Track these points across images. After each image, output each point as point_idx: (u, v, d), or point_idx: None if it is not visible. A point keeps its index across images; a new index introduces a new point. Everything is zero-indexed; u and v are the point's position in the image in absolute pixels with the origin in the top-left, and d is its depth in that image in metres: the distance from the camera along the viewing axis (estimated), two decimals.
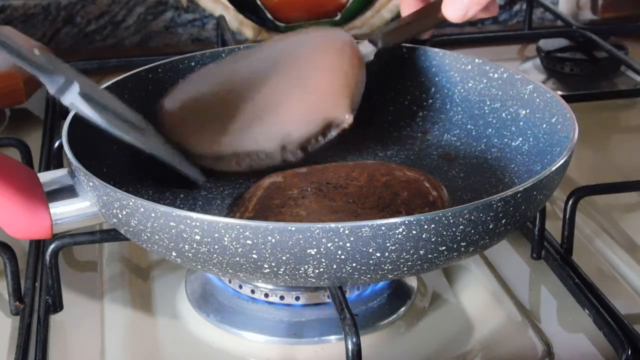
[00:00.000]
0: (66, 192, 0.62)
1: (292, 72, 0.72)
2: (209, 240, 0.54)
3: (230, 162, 0.69)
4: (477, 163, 0.74)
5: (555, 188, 0.62)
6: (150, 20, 1.16)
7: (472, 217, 0.55)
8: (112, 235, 0.67)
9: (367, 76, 0.80)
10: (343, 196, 0.65)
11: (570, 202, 0.70)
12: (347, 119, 0.69)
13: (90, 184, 0.59)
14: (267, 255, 0.54)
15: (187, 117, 0.71)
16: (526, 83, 0.73)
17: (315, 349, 0.62)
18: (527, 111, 0.72)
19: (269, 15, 1.10)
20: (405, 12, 0.78)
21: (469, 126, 0.77)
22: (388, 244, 0.53)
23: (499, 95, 0.75)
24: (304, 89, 0.70)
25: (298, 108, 0.69)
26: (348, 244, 0.53)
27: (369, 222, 0.53)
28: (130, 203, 0.56)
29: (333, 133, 0.70)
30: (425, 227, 0.53)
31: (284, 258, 0.54)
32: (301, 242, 0.53)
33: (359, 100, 0.71)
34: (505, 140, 0.74)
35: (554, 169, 0.59)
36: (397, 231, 0.53)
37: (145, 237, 0.57)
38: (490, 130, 0.75)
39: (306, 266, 0.54)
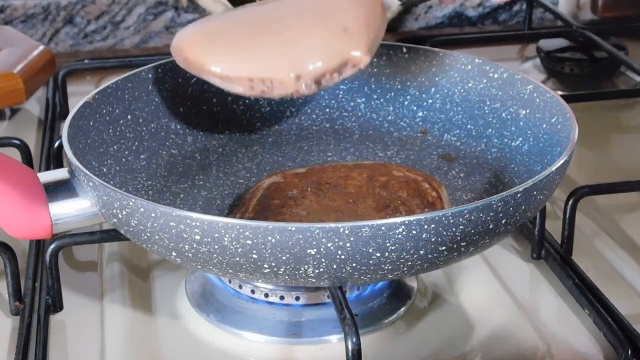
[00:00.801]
0: (66, 192, 0.62)
1: (315, 4, 0.71)
2: (209, 240, 0.54)
3: (244, 85, 0.68)
4: (477, 163, 0.74)
5: (555, 188, 0.62)
6: (150, 20, 1.16)
7: (472, 217, 0.55)
8: (112, 235, 0.67)
9: (367, 76, 0.80)
10: (343, 196, 0.65)
11: (570, 202, 0.70)
12: (365, 59, 0.68)
13: (90, 184, 0.59)
14: (267, 255, 0.54)
15: (205, 38, 0.70)
16: (526, 83, 0.73)
17: (315, 349, 0.62)
18: (527, 111, 0.72)
19: None
20: None
21: (469, 126, 0.77)
22: (388, 244, 0.53)
23: (499, 95, 0.75)
24: (326, 22, 0.69)
25: (317, 40, 0.68)
26: (348, 244, 0.53)
27: (369, 222, 0.53)
28: (130, 203, 0.56)
29: (349, 72, 0.68)
30: (425, 227, 0.53)
31: (284, 258, 0.54)
32: (301, 242, 0.53)
33: (378, 44, 0.70)
34: (505, 140, 0.74)
35: (554, 169, 0.59)
36: (397, 231, 0.53)
37: (145, 237, 0.57)
38: (490, 130, 0.75)
39: (306, 266, 0.54)
